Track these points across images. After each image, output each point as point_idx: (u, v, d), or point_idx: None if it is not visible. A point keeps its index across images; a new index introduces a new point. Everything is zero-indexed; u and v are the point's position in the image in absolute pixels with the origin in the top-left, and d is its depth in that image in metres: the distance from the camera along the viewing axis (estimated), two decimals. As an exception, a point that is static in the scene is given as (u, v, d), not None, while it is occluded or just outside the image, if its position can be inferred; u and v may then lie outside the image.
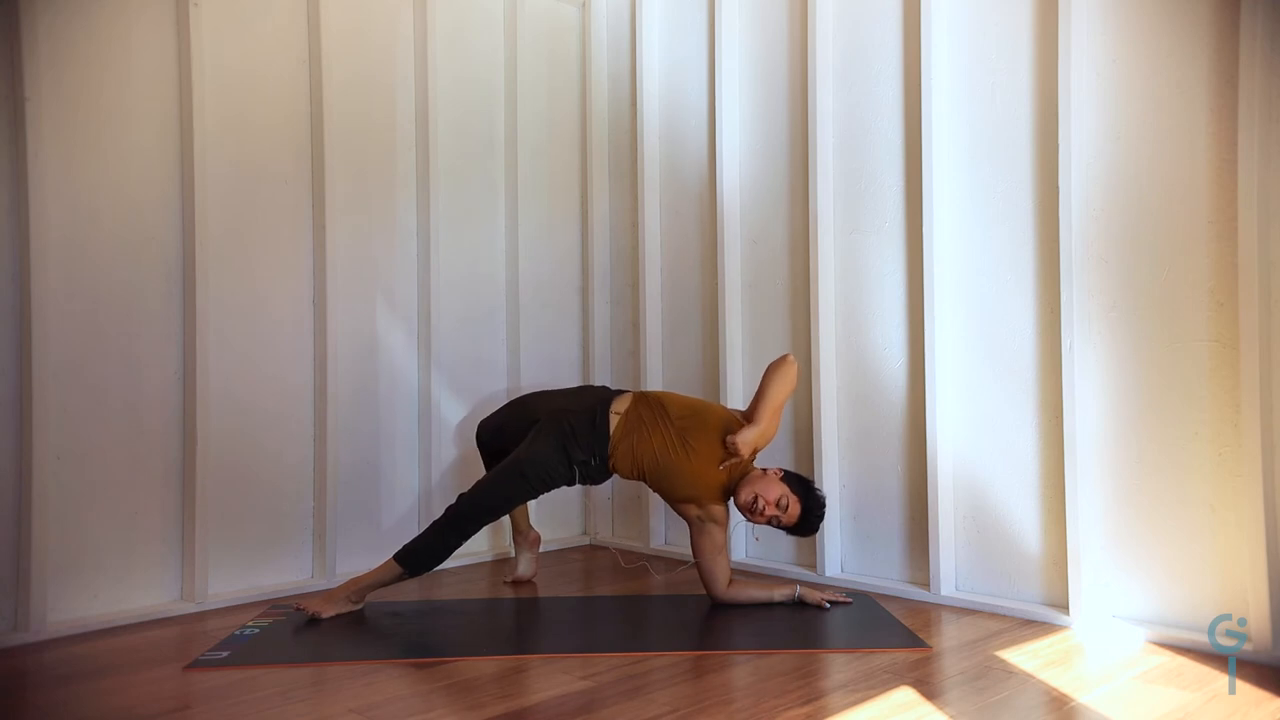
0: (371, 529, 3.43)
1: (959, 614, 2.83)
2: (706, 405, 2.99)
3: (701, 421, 2.90)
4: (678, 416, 2.92)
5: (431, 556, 2.84)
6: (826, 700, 2.12)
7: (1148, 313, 2.59)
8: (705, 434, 2.88)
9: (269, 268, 3.19)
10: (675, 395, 3.03)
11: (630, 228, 4.00)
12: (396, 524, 3.48)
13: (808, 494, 2.86)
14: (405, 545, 2.86)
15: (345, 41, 3.38)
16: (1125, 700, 2.12)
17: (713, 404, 3.04)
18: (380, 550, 3.34)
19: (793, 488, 2.84)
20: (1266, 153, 2.35)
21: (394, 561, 2.83)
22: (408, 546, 2.85)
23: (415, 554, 2.83)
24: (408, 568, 2.83)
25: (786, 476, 2.88)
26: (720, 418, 2.92)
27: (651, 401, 2.97)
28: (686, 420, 2.91)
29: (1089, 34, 2.68)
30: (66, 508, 2.77)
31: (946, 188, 3.00)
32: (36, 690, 2.33)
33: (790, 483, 2.85)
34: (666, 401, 2.97)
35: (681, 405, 2.96)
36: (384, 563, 2.86)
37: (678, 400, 2.99)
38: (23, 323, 2.69)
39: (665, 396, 3.00)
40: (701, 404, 3.00)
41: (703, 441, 2.87)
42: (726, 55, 3.59)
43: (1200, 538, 2.50)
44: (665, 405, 2.95)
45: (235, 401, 3.09)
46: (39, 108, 2.70)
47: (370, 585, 2.85)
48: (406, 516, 3.52)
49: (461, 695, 2.19)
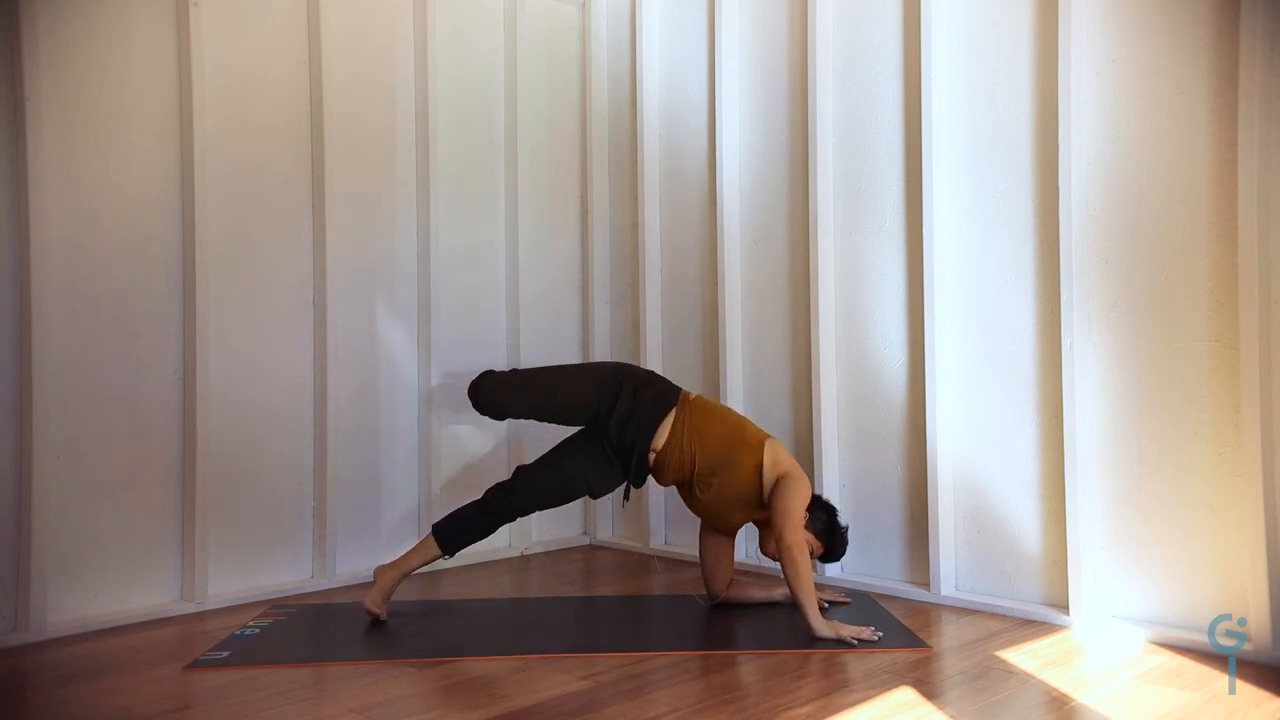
0: (371, 529, 3.42)
1: (959, 614, 2.83)
2: (734, 448, 2.77)
3: (728, 475, 2.76)
4: (702, 472, 2.77)
5: (469, 535, 2.85)
6: (826, 700, 2.12)
7: (1148, 313, 2.59)
8: (735, 480, 2.77)
9: (269, 268, 3.19)
10: (709, 432, 2.79)
11: (630, 228, 4.00)
12: (397, 524, 3.48)
13: (831, 537, 2.82)
14: (441, 524, 2.87)
15: (345, 41, 3.38)
16: (1125, 700, 2.12)
17: (739, 442, 2.78)
18: (380, 550, 3.35)
19: (818, 532, 2.79)
20: (1266, 153, 2.35)
21: (432, 540, 2.84)
22: (442, 525, 2.86)
23: (449, 534, 2.84)
24: (444, 547, 2.84)
25: (812, 518, 2.78)
26: (749, 470, 2.75)
27: (686, 448, 2.78)
28: (712, 475, 2.77)
29: (1089, 34, 2.68)
30: (66, 507, 2.77)
31: (946, 188, 3.00)
32: (36, 690, 2.33)
33: (815, 526, 2.79)
34: (699, 452, 2.77)
35: (708, 456, 2.77)
36: (422, 541, 2.88)
37: (708, 446, 2.77)
38: (23, 323, 2.69)
39: (700, 439, 2.78)
40: (729, 445, 2.77)
41: (732, 485, 2.77)
42: (726, 55, 3.59)
43: (1200, 538, 2.50)
44: (696, 459, 2.77)
45: (235, 401, 3.09)
46: (39, 108, 2.70)
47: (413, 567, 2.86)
48: (407, 516, 3.52)
49: (461, 695, 2.19)
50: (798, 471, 2.76)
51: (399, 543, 3.37)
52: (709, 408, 2.87)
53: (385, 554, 3.29)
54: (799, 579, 2.58)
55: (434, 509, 3.47)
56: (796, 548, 2.60)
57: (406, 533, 3.46)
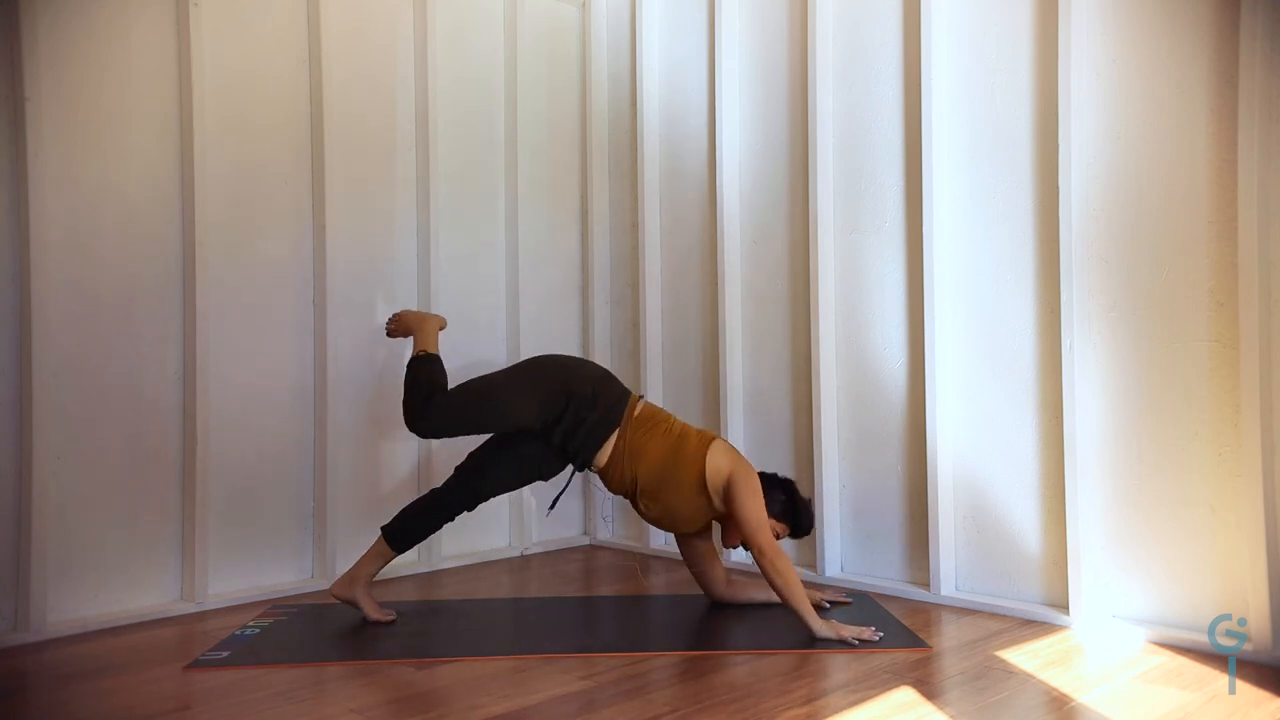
0: (371, 529, 3.40)
1: (959, 614, 2.83)
2: (673, 465, 2.71)
3: (670, 493, 2.73)
4: (645, 489, 2.75)
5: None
6: (826, 700, 2.12)
7: (1148, 313, 2.59)
8: (677, 495, 2.73)
9: (269, 268, 3.19)
10: (647, 453, 2.73)
11: (630, 228, 4.00)
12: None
13: (794, 514, 2.77)
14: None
15: (345, 41, 3.38)
16: (1125, 700, 2.12)
17: (678, 458, 2.71)
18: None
19: (779, 514, 2.74)
20: (1266, 153, 2.35)
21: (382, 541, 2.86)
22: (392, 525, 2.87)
23: (399, 532, 2.87)
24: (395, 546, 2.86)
25: (770, 501, 2.71)
26: (691, 484, 2.70)
27: (626, 468, 2.75)
28: (656, 492, 2.74)
29: (1089, 34, 2.67)
30: (66, 508, 2.77)
31: (946, 188, 3.00)
32: (36, 690, 2.33)
33: (775, 510, 2.73)
34: (639, 472, 2.73)
35: (649, 476, 2.73)
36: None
37: (647, 467, 2.72)
38: (23, 323, 2.69)
39: (638, 460, 2.73)
40: (668, 463, 2.71)
41: (676, 501, 2.73)
42: (726, 55, 3.59)
43: (1200, 538, 2.50)
44: (637, 478, 2.74)
45: (235, 401, 3.09)
46: (39, 108, 2.70)
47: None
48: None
49: (461, 695, 2.19)
50: (741, 468, 2.68)
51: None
52: (649, 422, 2.77)
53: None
54: (787, 585, 2.55)
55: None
56: (772, 551, 2.57)
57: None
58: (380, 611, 2.78)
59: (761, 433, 3.52)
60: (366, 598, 2.78)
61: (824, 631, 2.52)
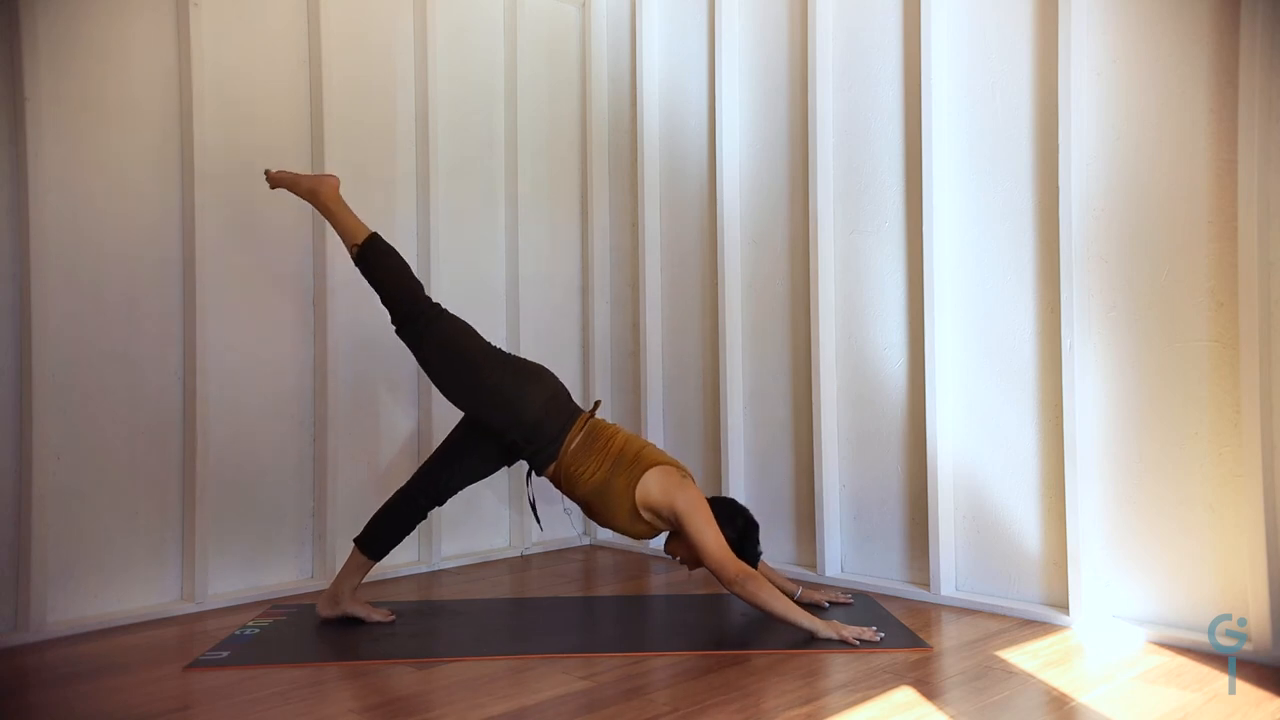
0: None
1: (959, 614, 2.83)
2: (605, 495, 2.69)
3: (611, 517, 2.72)
4: (587, 506, 2.76)
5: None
6: (826, 700, 2.12)
7: (1147, 313, 2.59)
8: (618, 521, 2.72)
9: (269, 268, 3.20)
10: (580, 481, 2.71)
11: (630, 228, 4.00)
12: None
13: (741, 548, 2.67)
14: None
15: (345, 42, 3.38)
16: (1125, 700, 2.12)
17: (608, 493, 2.68)
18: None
19: (730, 541, 2.64)
20: (1266, 153, 2.35)
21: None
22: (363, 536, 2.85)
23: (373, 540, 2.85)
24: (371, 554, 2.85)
25: (725, 527, 2.64)
26: (626, 513, 2.68)
27: (565, 489, 2.77)
28: (598, 511, 2.74)
29: (1089, 34, 2.68)
30: (66, 508, 2.77)
31: (946, 187, 3.00)
32: (36, 690, 2.33)
33: (727, 536, 2.63)
34: (578, 492, 2.74)
35: (586, 499, 2.74)
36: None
37: (583, 492, 2.73)
38: (23, 322, 2.69)
39: (574, 485, 2.73)
40: (601, 493, 2.69)
41: (620, 525, 2.72)
42: (726, 55, 3.59)
43: (1200, 538, 2.50)
44: (578, 496, 2.75)
45: (235, 401, 3.09)
46: (39, 108, 2.70)
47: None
48: (406, 516, 3.52)
49: (461, 695, 2.19)
50: (682, 500, 2.59)
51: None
52: (587, 447, 2.71)
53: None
54: (766, 604, 2.51)
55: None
56: (742, 577, 2.52)
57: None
58: (377, 612, 2.78)
59: (761, 433, 3.52)
60: (357, 605, 2.78)
61: (825, 632, 2.51)
